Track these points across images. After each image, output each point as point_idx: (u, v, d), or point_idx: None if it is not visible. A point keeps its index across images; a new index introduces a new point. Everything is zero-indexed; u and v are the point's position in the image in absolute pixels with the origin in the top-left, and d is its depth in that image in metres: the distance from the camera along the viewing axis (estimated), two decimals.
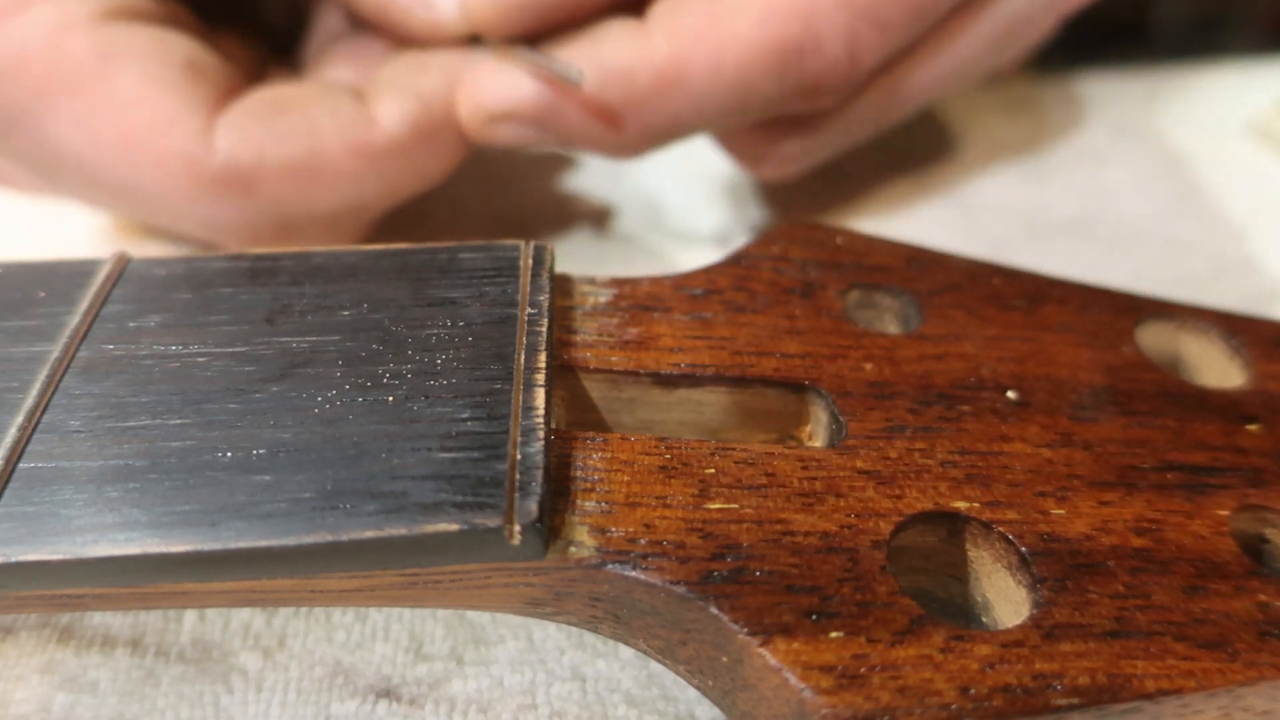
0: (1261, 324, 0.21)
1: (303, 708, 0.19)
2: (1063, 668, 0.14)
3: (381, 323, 0.18)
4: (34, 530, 0.14)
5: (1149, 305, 0.21)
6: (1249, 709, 0.15)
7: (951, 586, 0.17)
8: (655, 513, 0.16)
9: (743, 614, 0.15)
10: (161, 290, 0.18)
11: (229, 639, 0.20)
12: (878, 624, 0.14)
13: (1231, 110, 0.36)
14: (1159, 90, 0.38)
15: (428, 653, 0.20)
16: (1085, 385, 0.19)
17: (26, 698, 0.19)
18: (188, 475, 0.15)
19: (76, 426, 0.16)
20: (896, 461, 0.17)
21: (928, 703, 0.14)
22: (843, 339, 0.19)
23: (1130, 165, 0.34)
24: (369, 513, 0.15)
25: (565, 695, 0.19)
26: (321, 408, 0.16)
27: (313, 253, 0.19)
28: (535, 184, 0.34)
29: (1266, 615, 0.15)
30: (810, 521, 0.16)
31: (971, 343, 0.19)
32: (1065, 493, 0.17)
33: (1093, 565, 0.16)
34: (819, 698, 0.14)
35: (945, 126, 0.36)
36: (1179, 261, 0.30)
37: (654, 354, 0.18)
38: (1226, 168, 0.34)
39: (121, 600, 0.16)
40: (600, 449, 0.17)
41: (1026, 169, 0.34)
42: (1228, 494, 0.17)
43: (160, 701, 0.19)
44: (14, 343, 0.17)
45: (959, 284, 0.21)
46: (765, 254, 0.21)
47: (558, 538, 0.15)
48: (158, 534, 0.14)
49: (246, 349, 0.17)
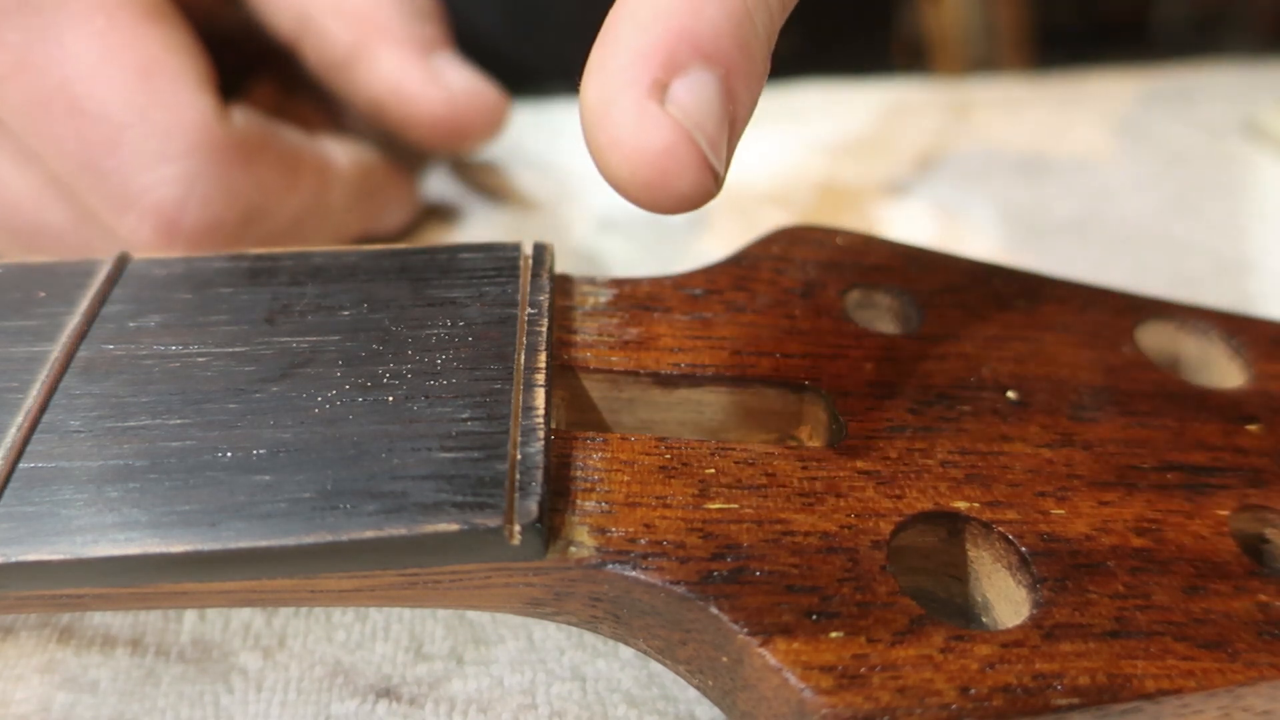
0: (1261, 324, 0.21)
1: (303, 707, 0.19)
2: (1063, 668, 0.14)
3: (381, 323, 0.18)
4: (34, 530, 0.14)
5: (1149, 305, 0.21)
6: (1249, 709, 0.15)
7: (951, 586, 0.17)
8: (655, 513, 0.16)
9: (743, 614, 0.15)
10: (161, 290, 0.18)
11: (229, 639, 0.20)
12: (878, 624, 0.14)
13: (1231, 110, 0.36)
14: (1159, 90, 0.38)
15: (428, 652, 0.20)
16: (1085, 385, 0.19)
17: (26, 697, 0.19)
18: (188, 475, 0.15)
19: (76, 426, 0.16)
20: (896, 461, 0.17)
21: (928, 703, 0.14)
22: (843, 339, 0.19)
23: (1130, 165, 0.34)
24: (369, 513, 0.15)
25: (565, 695, 0.19)
26: (321, 408, 0.16)
27: (313, 252, 0.19)
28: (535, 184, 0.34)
29: (1266, 615, 0.15)
30: (810, 521, 0.16)
31: (971, 343, 0.19)
32: (1065, 493, 0.17)
33: (1093, 565, 0.16)
34: (819, 698, 0.14)
35: (946, 126, 0.36)
36: (1179, 261, 0.30)
37: (654, 354, 0.18)
38: (1226, 168, 0.34)
39: (121, 600, 0.16)
40: (600, 449, 0.17)
41: (1026, 169, 0.34)
42: (1228, 494, 0.17)
43: (160, 701, 0.19)
44: (14, 343, 0.17)
45: (959, 284, 0.21)
46: (765, 254, 0.21)
47: (558, 538, 0.15)
48: (158, 534, 0.14)
49: (246, 349, 0.17)
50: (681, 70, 0.15)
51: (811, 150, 0.35)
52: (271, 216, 0.25)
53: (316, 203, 0.27)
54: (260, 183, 0.25)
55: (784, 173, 0.34)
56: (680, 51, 0.15)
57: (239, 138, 0.24)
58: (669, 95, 0.15)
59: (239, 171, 0.24)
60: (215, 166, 0.24)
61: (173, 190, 0.23)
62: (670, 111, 0.15)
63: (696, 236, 0.31)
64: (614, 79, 0.15)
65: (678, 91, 0.15)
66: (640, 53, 0.15)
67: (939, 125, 0.36)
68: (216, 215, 0.24)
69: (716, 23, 0.15)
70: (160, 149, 0.23)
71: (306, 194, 0.26)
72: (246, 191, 0.24)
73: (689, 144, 0.15)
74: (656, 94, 0.15)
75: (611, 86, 0.15)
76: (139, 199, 0.23)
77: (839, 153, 0.35)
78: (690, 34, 0.15)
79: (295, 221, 0.26)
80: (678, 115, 0.15)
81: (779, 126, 0.36)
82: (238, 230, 0.24)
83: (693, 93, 0.15)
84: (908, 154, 0.35)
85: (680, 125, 0.15)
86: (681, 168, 0.15)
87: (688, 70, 0.15)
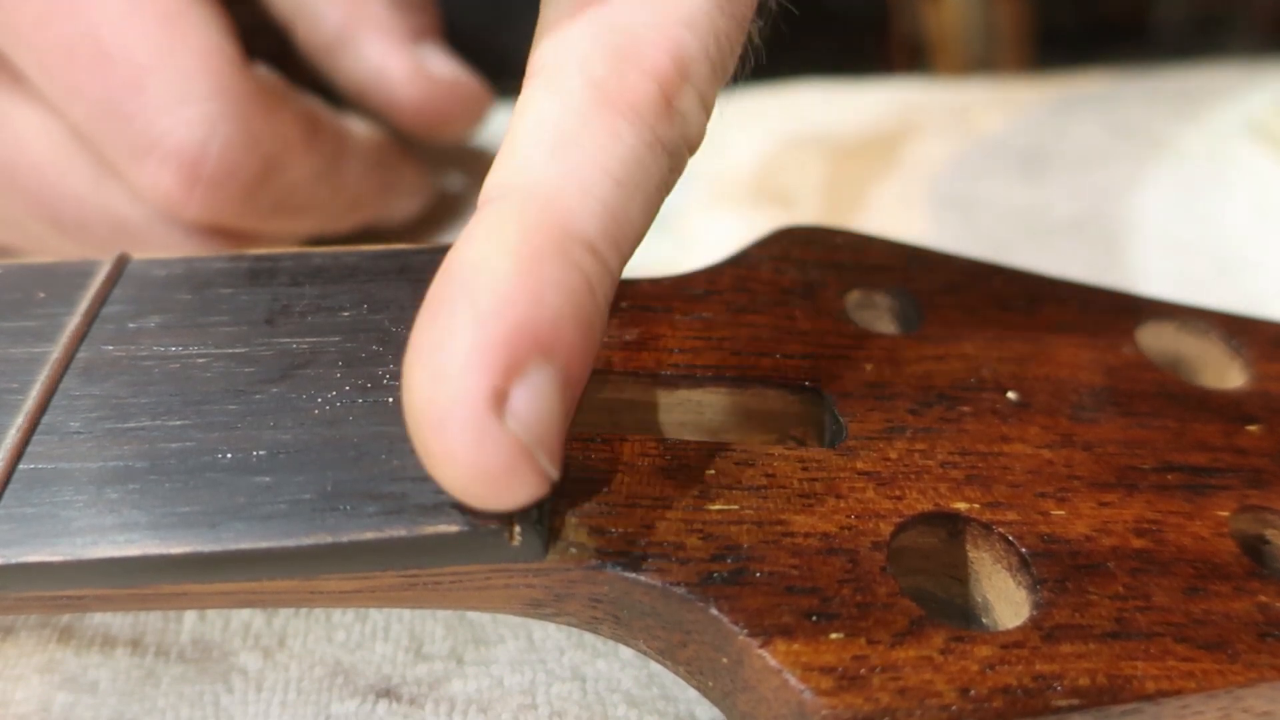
0: (1261, 324, 0.21)
1: (303, 708, 0.19)
2: (1063, 669, 0.14)
3: (381, 323, 0.18)
4: (34, 531, 0.14)
5: (1149, 305, 0.21)
6: (1249, 710, 0.15)
7: (951, 587, 0.17)
8: (655, 514, 0.16)
9: (743, 615, 0.15)
10: (161, 291, 0.18)
11: (229, 639, 0.20)
12: (878, 625, 0.14)
13: (1231, 110, 0.36)
14: (1159, 90, 0.38)
15: (428, 653, 0.20)
16: (1085, 386, 0.19)
17: (26, 698, 0.19)
18: (188, 476, 0.15)
19: (76, 427, 0.16)
20: (896, 462, 0.17)
21: (928, 704, 0.14)
22: (843, 339, 0.19)
23: (1130, 165, 0.34)
24: (369, 514, 0.15)
25: (565, 695, 0.19)
26: (321, 409, 0.16)
27: (313, 253, 0.19)
28: None
29: (1266, 616, 0.15)
30: (810, 522, 0.16)
31: (972, 343, 0.19)
32: (1065, 494, 0.17)
33: (1093, 566, 0.16)
34: (819, 699, 0.14)
35: (946, 126, 0.36)
36: (1179, 261, 0.30)
37: (654, 354, 0.18)
38: (1226, 168, 0.34)
39: (121, 601, 0.16)
40: (600, 450, 0.17)
41: (1026, 169, 0.34)
42: (1228, 495, 0.17)
43: (160, 701, 0.19)
44: (14, 344, 0.17)
45: (959, 284, 0.21)
46: (765, 254, 0.21)
47: (558, 539, 0.15)
48: (158, 535, 0.14)
49: (246, 350, 0.17)
50: (521, 372, 0.14)
51: (811, 150, 0.35)
52: (288, 172, 0.25)
53: (332, 167, 0.27)
54: (279, 133, 0.25)
55: (784, 173, 0.34)
56: (520, 349, 0.14)
57: (261, 86, 0.25)
58: (508, 407, 0.14)
59: (260, 119, 0.24)
60: (237, 110, 0.24)
61: (195, 132, 0.23)
62: (510, 427, 0.14)
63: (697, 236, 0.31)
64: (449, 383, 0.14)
65: (517, 402, 0.14)
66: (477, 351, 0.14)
67: (939, 125, 0.36)
68: (236, 162, 0.24)
69: (558, 309, 0.14)
70: (183, 91, 0.23)
71: (323, 155, 0.26)
72: (266, 140, 0.24)
73: (527, 460, 0.14)
74: (496, 406, 0.14)
75: (447, 392, 0.14)
76: (161, 141, 0.23)
77: (839, 153, 0.35)
78: (531, 327, 0.14)
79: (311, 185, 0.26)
80: (517, 431, 0.14)
81: (779, 126, 0.36)
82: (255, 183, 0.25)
83: (533, 400, 0.14)
84: (908, 154, 0.35)
85: (519, 443, 0.14)
86: (518, 483, 0.14)
87: (527, 371, 0.14)
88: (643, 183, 0.16)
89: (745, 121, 0.36)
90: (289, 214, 0.26)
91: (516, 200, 0.15)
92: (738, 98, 0.38)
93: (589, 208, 0.15)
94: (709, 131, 0.17)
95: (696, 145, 0.17)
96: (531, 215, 0.15)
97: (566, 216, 0.15)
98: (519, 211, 0.15)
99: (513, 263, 0.14)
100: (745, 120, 0.36)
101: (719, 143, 0.36)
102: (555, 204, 0.15)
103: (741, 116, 0.36)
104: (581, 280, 0.15)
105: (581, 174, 0.15)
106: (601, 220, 0.15)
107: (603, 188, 0.15)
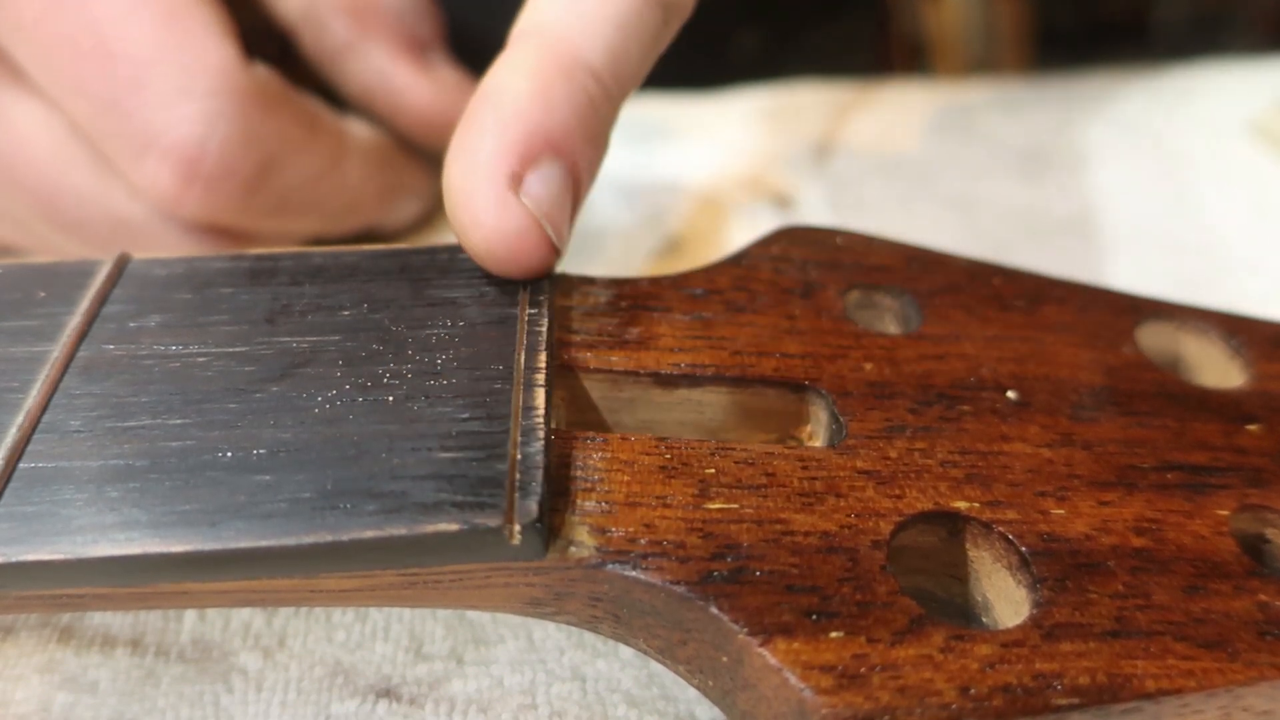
0: (1261, 324, 0.21)
1: (303, 707, 0.19)
2: (1063, 667, 0.14)
3: (381, 323, 0.18)
4: (34, 530, 0.14)
5: (1149, 305, 0.21)
6: (1249, 709, 0.15)
7: (951, 586, 0.17)
8: (655, 512, 0.16)
9: (743, 614, 0.15)
10: (161, 290, 0.18)
11: (229, 639, 0.20)
12: (878, 624, 0.14)
13: (1231, 110, 0.36)
14: (1159, 90, 0.38)
15: (428, 653, 0.20)
16: (1085, 385, 0.19)
17: (26, 698, 0.19)
18: (188, 475, 0.15)
19: (77, 426, 0.16)
20: (896, 461, 0.17)
21: (928, 702, 0.14)
22: (843, 339, 0.19)
23: (1130, 165, 0.34)
24: (369, 513, 0.15)
25: (565, 695, 0.19)
26: (321, 408, 0.16)
27: (313, 253, 0.19)
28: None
29: (1266, 615, 0.15)
30: (810, 521, 0.16)
31: (971, 343, 0.19)
32: (1065, 492, 0.17)
33: (1093, 565, 0.16)
34: (819, 697, 0.14)
35: (945, 126, 0.36)
36: (1179, 261, 0.30)
37: (654, 354, 0.18)
38: (1226, 168, 0.34)
39: (121, 600, 0.16)
40: (600, 449, 0.17)
41: (1026, 169, 0.34)
42: (1228, 494, 0.17)
43: (160, 701, 0.19)
44: (14, 343, 0.17)
45: (959, 284, 0.21)
46: (765, 254, 0.21)
47: (558, 538, 0.15)
48: (158, 534, 0.14)
49: (247, 349, 0.17)
50: (535, 163, 0.18)
51: (811, 150, 0.35)
52: (287, 172, 0.25)
53: (332, 167, 0.27)
54: (279, 132, 0.25)
55: (784, 173, 0.34)
56: (534, 146, 0.18)
57: (260, 85, 0.25)
58: (523, 187, 0.18)
59: (259, 117, 0.24)
60: (236, 108, 0.24)
61: (194, 129, 0.24)
62: (524, 201, 0.18)
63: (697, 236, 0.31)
64: (477, 169, 0.18)
65: (531, 184, 0.18)
66: (500, 146, 0.18)
67: (939, 125, 0.36)
68: (235, 159, 0.24)
69: (566, 119, 0.18)
70: (183, 87, 0.23)
71: (323, 155, 0.26)
72: (265, 138, 0.25)
73: (538, 229, 0.18)
74: (513, 185, 0.18)
75: (475, 175, 0.18)
76: (160, 138, 0.23)
77: (839, 152, 0.35)
78: (543, 130, 0.18)
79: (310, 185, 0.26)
80: (530, 205, 0.18)
81: (778, 126, 0.36)
82: (254, 182, 0.25)
83: (543, 184, 0.18)
84: (908, 154, 0.35)
85: (531, 214, 0.18)
86: (530, 247, 0.18)
87: (540, 163, 0.18)
88: (639, 30, 0.20)
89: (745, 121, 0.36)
90: (288, 214, 0.26)
91: (534, 38, 0.19)
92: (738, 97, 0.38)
93: (593, 44, 0.19)
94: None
95: (688, 11, 0.21)
96: (545, 48, 0.19)
97: (574, 49, 0.19)
98: (535, 46, 0.19)
99: (529, 83, 0.18)
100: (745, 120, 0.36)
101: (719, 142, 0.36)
102: (565, 40, 0.19)
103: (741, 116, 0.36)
104: (586, 99, 0.19)
105: (588, 18, 0.19)
106: (604, 55, 0.19)
107: (606, 29, 0.19)
